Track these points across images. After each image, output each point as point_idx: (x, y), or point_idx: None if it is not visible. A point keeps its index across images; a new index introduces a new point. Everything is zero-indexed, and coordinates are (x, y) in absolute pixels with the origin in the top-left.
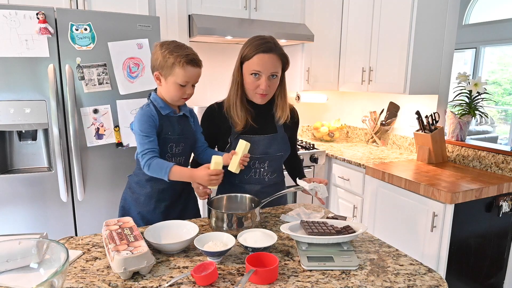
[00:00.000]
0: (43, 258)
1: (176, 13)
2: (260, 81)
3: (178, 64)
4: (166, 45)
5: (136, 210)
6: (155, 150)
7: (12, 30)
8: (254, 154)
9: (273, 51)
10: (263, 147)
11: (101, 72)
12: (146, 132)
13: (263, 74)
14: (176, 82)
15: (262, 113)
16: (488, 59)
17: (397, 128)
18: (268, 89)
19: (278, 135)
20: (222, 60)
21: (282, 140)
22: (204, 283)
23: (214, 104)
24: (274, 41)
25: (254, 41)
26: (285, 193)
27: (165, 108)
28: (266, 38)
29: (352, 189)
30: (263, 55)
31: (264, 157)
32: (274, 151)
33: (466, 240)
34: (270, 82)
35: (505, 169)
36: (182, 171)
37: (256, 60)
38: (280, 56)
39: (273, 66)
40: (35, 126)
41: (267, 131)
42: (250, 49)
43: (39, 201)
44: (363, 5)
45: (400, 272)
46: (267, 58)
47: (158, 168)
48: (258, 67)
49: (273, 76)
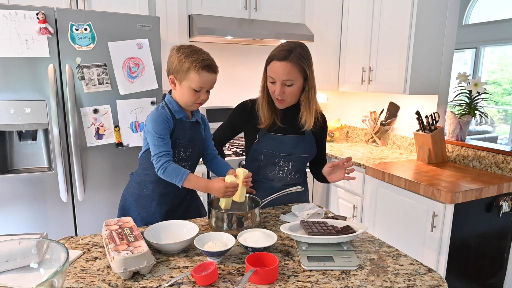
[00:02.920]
0: (43, 258)
1: (176, 13)
2: (275, 86)
3: (194, 69)
4: (183, 49)
5: (136, 210)
6: (170, 153)
7: (12, 30)
8: (280, 152)
9: (286, 60)
10: (289, 147)
11: (101, 72)
12: (161, 134)
13: (277, 81)
14: (190, 87)
15: (290, 114)
16: (488, 59)
17: (397, 128)
18: (283, 95)
19: (305, 137)
20: (222, 60)
21: (309, 143)
22: (204, 283)
23: (248, 101)
24: (296, 49)
25: (278, 46)
26: (285, 193)
27: (179, 112)
28: (288, 44)
29: (352, 189)
30: (275, 62)
31: (290, 157)
32: (299, 152)
33: (466, 240)
34: (285, 89)
35: (505, 169)
36: (198, 181)
37: (271, 66)
38: (295, 65)
39: (285, 74)
40: (35, 126)
41: (294, 132)
42: (271, 55)
43: (39, 201)
44: (363, 5)
45: (400, 272)
46: (279, 66)
47: (174, 173)
48: (271, 73)
49: (288, 84)
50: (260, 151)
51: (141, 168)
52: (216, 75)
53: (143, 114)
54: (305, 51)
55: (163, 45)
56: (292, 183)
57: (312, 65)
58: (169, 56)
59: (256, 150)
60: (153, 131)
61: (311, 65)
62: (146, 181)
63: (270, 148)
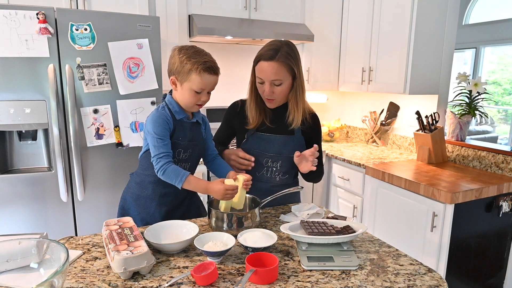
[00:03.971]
0: (43, 258)
1: (176, 13)
2: (264, 86)
3: (195, 70)
4: (184, 50)
5: (136, 211)
6: (170, 154)
7: (12, 30)
8: (268, 152)
9: (273, 59)
10: (277, 147)
11: (101, 72)
12: (161, 135)
13: (266, 81)
14: (191, 88)
15: (279, 114)
16: (488, 59)
17: (397, 128)
18: (272, 95)
19: (294, 137)
20: (222, 60)
21: (298, 143)
22: (204, 283)
23: (238, 101)
24: (283, 48)
25: (265, 46)
26: (284, 193)
27: (179, 113)
28: (275, 43)
29: (352, 189)
30: (263, 62)
31: (277, 157)
32: (287, 152)
33: (466, 240)
34: (274, 89)
35: (505, 169)
36: (198, 182)
37: (259, 67)
38: (283, 64)
39: (273, 74)
40: (35, 126)
41: (283, 132)
42: (258, 54)
43: (39, 201)
44: (363, 5)
45: (400, 272)
46: (267, 66)
47: (174, 174)
48: (259, 73)
49: (276, 83)
50: (248, 151)
51: (141, 169)
52: (218, 76)
53: (143, 114)
54: (292, 49)
55: (163, 45)
56: (280, 184)
57: (300, 63)
58: (171, 57)
59: (244, 149)
60: (153, 132)
61: (298, 63)
62: (146, 182)
63: (258, 148)
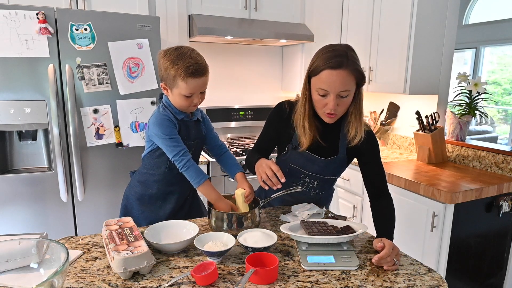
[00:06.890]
0: (43, 258)
1: (176, 13)
2: (327, 99)
3: (179, 77)
4: (168, 55)
5: (139, 210)
6: (187, 150)
7: (12, 30)
8: (306, 170)
9: (343, 67)
10: (318, 168)
11: (101, 72)
12: (171, 134)
13: (331, 93)
14: (181, 93)
15: (330, 130)
16: (488, 59)
17: (397, 128)
18: (337, 109)
19: (337, 158)
20: (222, 60)
21: (340, 164)
22: (204, 283)
23: (285, 103)
24: (348, 53)
25: (324, 53)
26: (284, 193)
27: (179, 113)
28: (338, 49)
29: (352, 189)
30: (331, 71)
31: (316, 176)
32: (327, 174)
33: (466, 240)
34: (340, 101)
35: (505, 169)
36: (212, 191)
37: (324, 77)
38: (353, 71)
39: (343, 84)
40: (35, 126)
41: (327, 153)
42: (318, 63)
43: (39, 201)
44: (363, 5)
45: (400, 272)
46: (335, 76)
47: (195, 174)
48: (324, 85)
49: (343, 95)
50: (285, 163)
51: (145, 168)
52: (206, 76)
53: (143, 114)
54: (355, 53)
55: (163, 45)
56: (313, 197)
57: None
58: (158, 62)
59: (282, 160)
60: (161, 134)
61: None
62: (151, 181)
63: (296, 164)
